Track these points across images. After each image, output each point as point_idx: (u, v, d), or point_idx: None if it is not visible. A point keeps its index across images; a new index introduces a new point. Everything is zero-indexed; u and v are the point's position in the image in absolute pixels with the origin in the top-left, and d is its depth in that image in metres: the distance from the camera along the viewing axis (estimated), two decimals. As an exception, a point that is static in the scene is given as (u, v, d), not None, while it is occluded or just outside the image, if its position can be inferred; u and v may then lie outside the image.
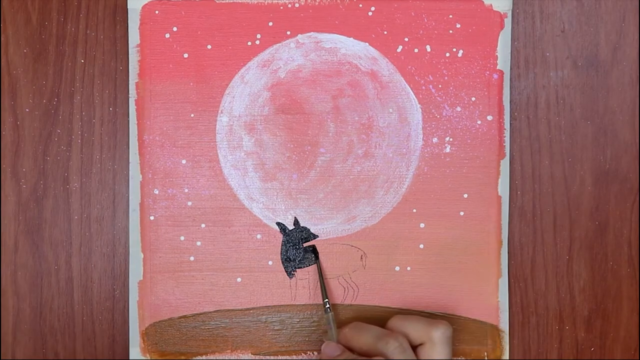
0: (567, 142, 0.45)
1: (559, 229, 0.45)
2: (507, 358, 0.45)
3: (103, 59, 0.45)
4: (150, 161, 0.44)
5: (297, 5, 0.44)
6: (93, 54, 0.44)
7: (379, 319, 0.43)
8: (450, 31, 0.44)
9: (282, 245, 0.44)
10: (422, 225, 0.44)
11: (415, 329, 0.40)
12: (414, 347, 0.40)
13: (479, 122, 0.44)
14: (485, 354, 0.45)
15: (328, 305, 0.43)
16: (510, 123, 0.45)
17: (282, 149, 0.44)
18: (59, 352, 0.45)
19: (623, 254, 0.45)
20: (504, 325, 0.45)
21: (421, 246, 0.44)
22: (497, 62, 0.44)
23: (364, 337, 0.39)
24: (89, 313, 0.45)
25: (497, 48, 0.44)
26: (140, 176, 0.44)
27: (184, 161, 0.44)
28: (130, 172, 0.44)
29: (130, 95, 0.44)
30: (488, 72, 0.44)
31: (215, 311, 0.44)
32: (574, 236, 0.45)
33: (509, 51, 0.44)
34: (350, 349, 0.40)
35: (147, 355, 0.44)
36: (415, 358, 0.39)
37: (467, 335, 0.44)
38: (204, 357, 0.44)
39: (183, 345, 0.44)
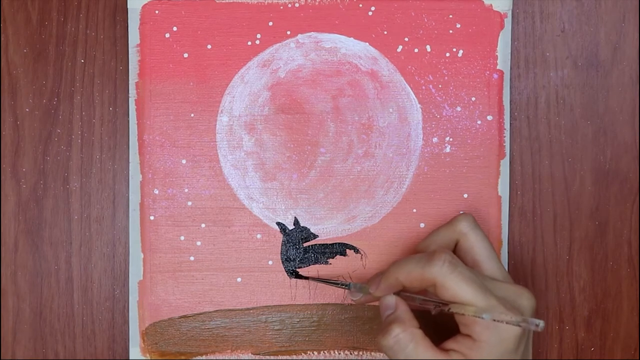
0: (567, 142, 0.45)
1: (559, 229, 0.45)
2: (507, 358, 0.45)
3: (103, 59, 0.45)
4: (150, 161, 0.44)
5: (297, 5, 0.44)
6: (93, 54, 0.44)
7: (380, 318, 0.43)
8: (450, 31, 0.44)
9: (282, 245, 0.44)
10: (422, 225, 0.44)
11: (441, 236, 0.40)
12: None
13: (479, 122, 0.44)
14: (485, 354, 0.44)
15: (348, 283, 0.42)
16: (510, 123, 0.45)
17: (282, 149, 0.44)
18: (59, 352, 0.45)
19: (623, 254, 0.45)
20: (504, 325, 0.44)
21: (421, 246, 0.44)
22: (497, 62, 0.44)
23: (406, 271, 0.36)
24: (89, 313, 0.45)
25: (497, 48, 0.44)
26: (140, 176, 0.44)
27: (184, 161, 0.44)
28: (130, 172, 0.44)
29: (130, 95, 0.44)
30: (488, 72, 0.44)
31: (215, 311, 0.44)
32: (574, 236, 0.45)
33: (509, 51, 0.44)
34: (404, 291, 0.38)
35: (147, 355, 0.44)
36: (466, 268, 0.35)
37: (467, 335, 0.44)
38: (204, 357, 0.44)
39: (183, 345, 0.44)
